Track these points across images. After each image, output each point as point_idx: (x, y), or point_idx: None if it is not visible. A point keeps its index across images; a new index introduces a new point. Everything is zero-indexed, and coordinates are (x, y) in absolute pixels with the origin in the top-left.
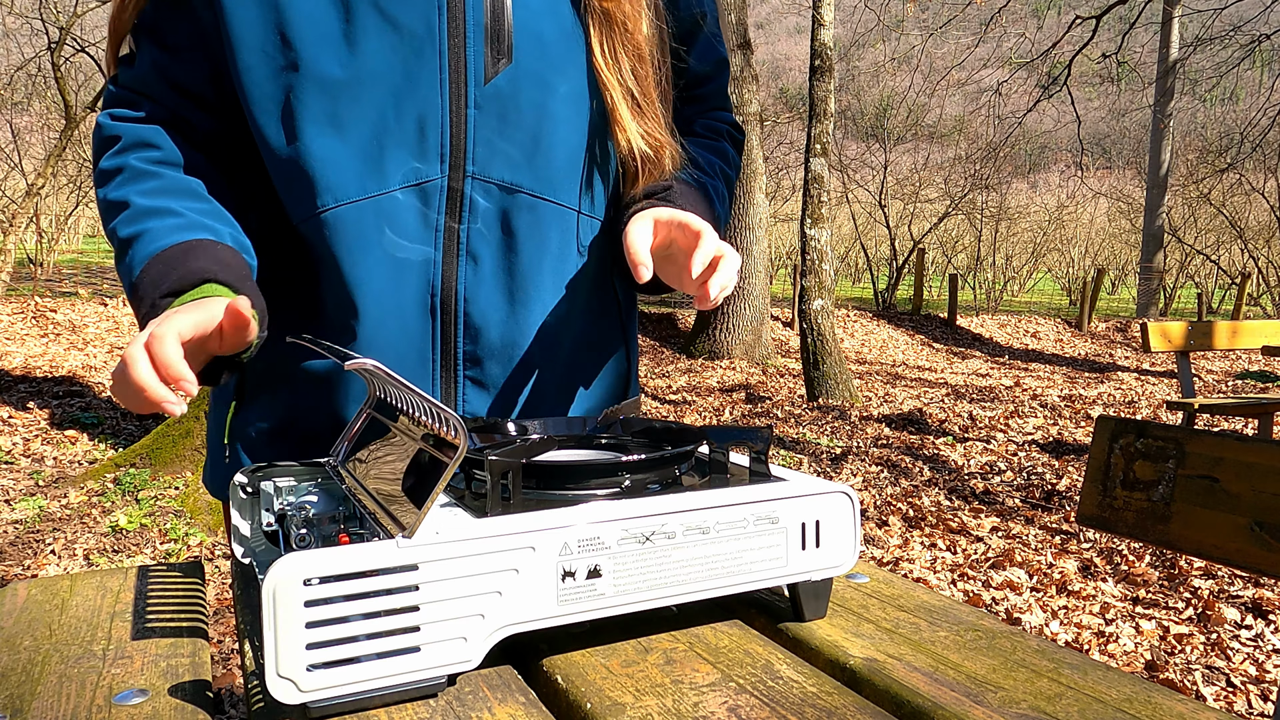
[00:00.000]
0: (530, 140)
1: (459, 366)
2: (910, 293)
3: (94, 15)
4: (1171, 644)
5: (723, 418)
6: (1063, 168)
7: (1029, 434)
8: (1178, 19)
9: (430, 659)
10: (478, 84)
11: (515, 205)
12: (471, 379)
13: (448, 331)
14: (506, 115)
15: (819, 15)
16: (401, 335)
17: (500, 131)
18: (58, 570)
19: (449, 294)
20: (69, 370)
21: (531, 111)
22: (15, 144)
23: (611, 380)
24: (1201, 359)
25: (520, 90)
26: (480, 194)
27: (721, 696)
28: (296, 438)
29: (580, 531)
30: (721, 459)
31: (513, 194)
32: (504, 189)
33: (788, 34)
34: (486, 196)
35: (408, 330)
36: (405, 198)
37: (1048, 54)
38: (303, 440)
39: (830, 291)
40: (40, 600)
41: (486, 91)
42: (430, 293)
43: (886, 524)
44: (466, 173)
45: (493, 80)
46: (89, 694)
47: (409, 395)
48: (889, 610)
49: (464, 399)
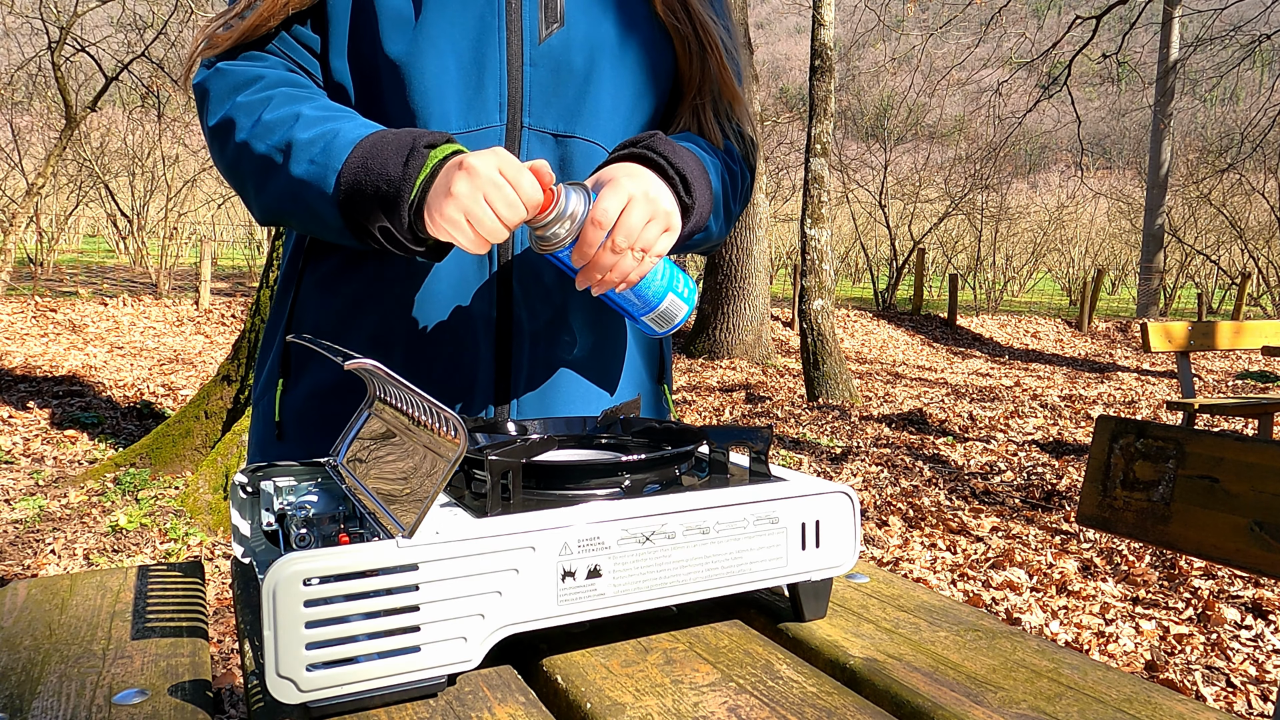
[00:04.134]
0: (580, 94)
1: (513, 309)
2: (910, 293)
3: (94, 15)
4: (1171, 644)
5: (723, 417)
6: (1063, 168)
7: (1029, 434)
8: (1178, 19)
9: (430, 659)
10: (533, 44)
11: (569, 151)
12: (521, 329)
13: (505, 279)
14: (559, 72)
15: (819, 15)
16: (461, 282)
17: (554, 87)
18: (58, 570)
19: (505, 242)
20: (69, 370)
21: (582, 69)
22: (15, 144)
23: (647, 354)
24: (1201, 359)
25: (572, 50)
26: (537, 141)
27: (721, 696)
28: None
29: (580, 531)
30: (721, 459)
31: (566, 141)
32: (558, 137)
33: (788, 34)
34: (542, 144)
35: (466, 277)
36: (468, 142)
37: (1048, 54)
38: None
39: (830, 291)
40: (40, 600)
41: (541, 50)
42: None
43: (886, 524)
44: (523, 123)
45: (546, 40)
46: (89, 694)
47: (409, 395)
48: (889, 610)
49: (517, 348)
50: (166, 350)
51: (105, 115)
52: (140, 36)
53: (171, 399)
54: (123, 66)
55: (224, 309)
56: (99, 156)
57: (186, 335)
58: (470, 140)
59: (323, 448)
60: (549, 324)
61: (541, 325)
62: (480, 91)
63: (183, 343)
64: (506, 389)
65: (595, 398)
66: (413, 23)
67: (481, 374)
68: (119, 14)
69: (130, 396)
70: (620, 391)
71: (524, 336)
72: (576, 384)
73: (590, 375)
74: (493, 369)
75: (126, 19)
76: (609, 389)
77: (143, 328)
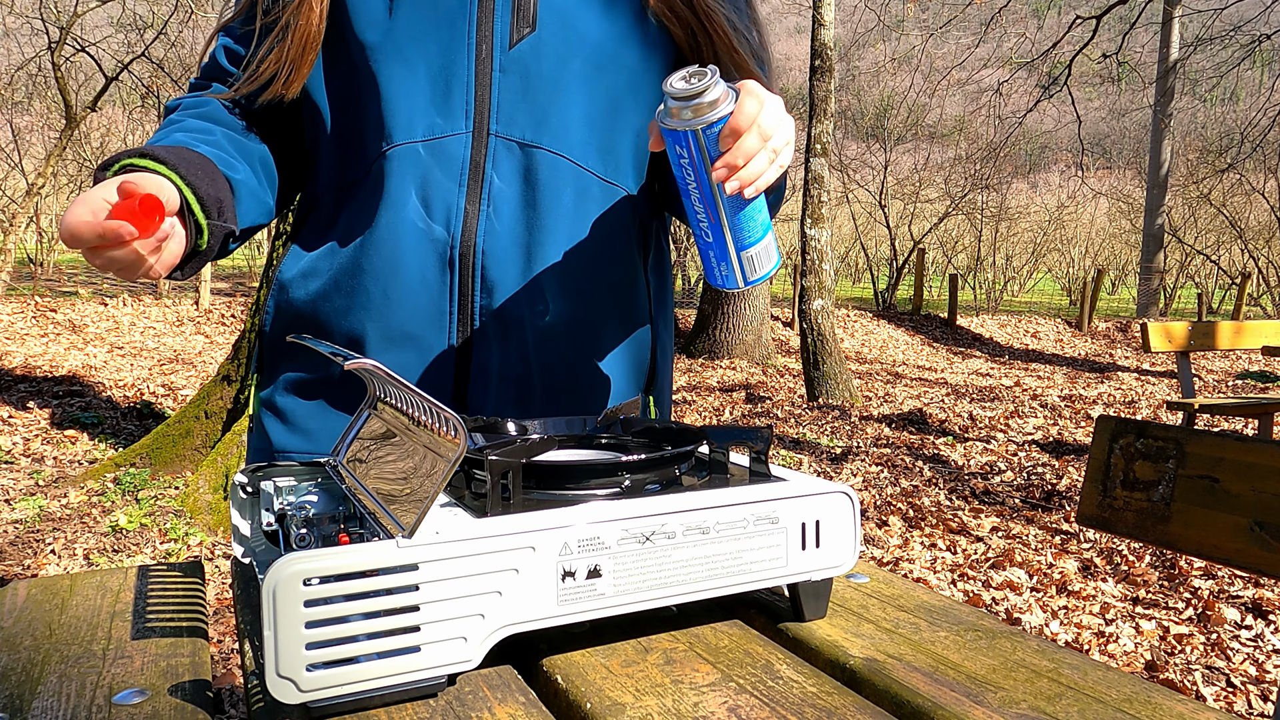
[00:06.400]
0: (549, 103)
1: (474, 319)
2: (910, 293)
3: (94, 15)
4: (1171, 644)
5: (723, 417)
6: (1063, 168)
7: (1029, 434)
8: (1178, 19)
9: (430, 659)
10: (503, 50)
11: (534, 162)
12: (485, 333)
13: (465, 284)
14: (529, 79)
15: (819, 15)
16: (422, 288)
17: (523, 94)
18: (58, 570)
19: (468, 247)
20: (69, 370)
21: (552, 76)
22: (15, 144)
23: (629, 365)
24: (1201, 359)
25: (543, 56)
26: (504, 150)
27: (721, 696)
28: (343, 381)
29: (580, 531)
30: (721, 459)
31: (532, 151)
32: (524, 146)
33: (788, 34)
34: (509, 152)
35: (428, 284)
36: (428, 151)
37: (1048, 54)
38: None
39: (830, 291)
40: (40, 600)
41: (511, 56)
42: (450, 244)
43: (886, 524)
44: (490, 130)
45: (517, 45)
46: (89, 694)
47: (409, 395)
48: (889, 610)
49: (476, 353)
50: (166, 350)
51: (105, 115)
52: (140, 36)
53: (171, 399)
54: (123, 67)
55: (224, 309)
56: (99, 156)
57: (186, 335)
58: (437, 147)
59: (293, 441)
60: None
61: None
62: (448, 98)
63: (183, 343)
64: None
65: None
66: (385, 26)
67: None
68: (119, 14)
69: (130, 396)
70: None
71: (490, 378)
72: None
73: (566, 401)
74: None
75: (126, 19)
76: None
77: (143, 328)
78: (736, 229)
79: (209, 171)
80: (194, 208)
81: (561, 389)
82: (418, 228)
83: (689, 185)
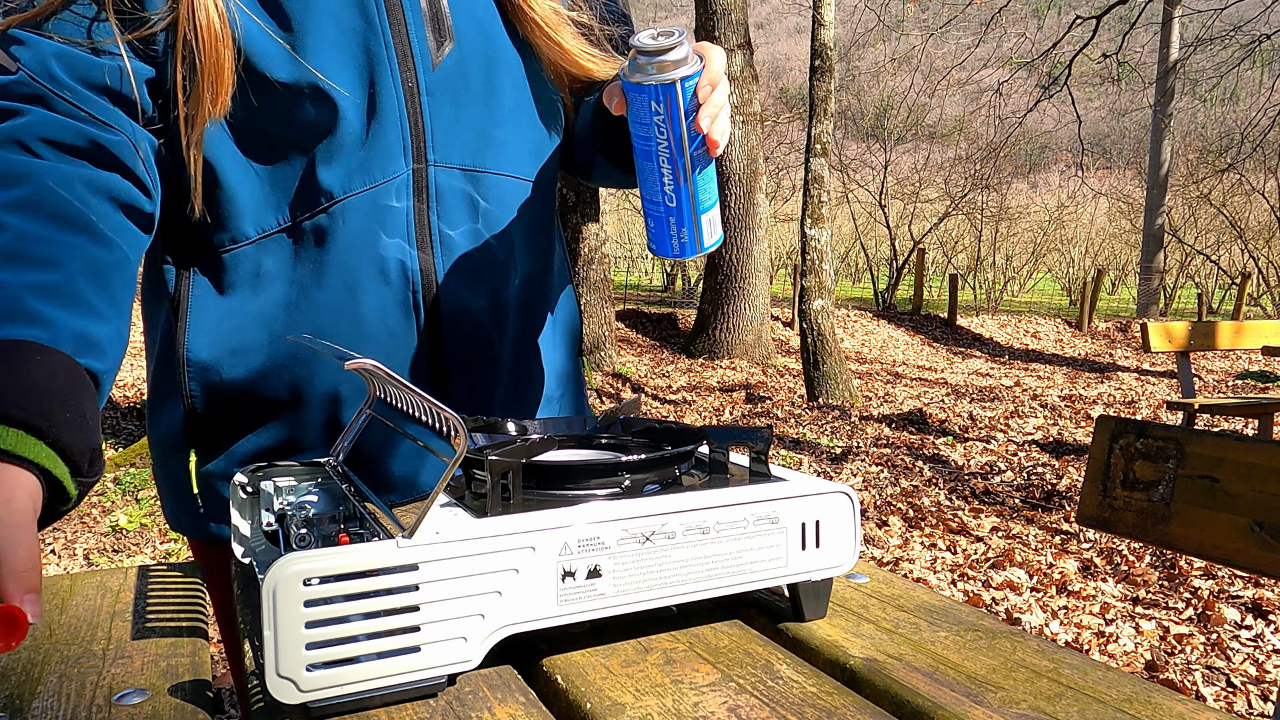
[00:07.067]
0: (485, 119)
1: (444, 354)
2: (910, 293)
3: None
4: (1171, 644)
5: (723, 417)
6: (1063, 168)
7: (1029, 434)
8: (1178, 19)
9: (430, 659)
10: (427, 71)
11: (482, 186)
12: (458, 359)
13: (433, 323)
14: (459, 97)
15: (819, 15)
16: (388, 336)
17: (455, 115)
18: (58, 570)
19: (429, 284)
20: None
21: (481, 90)
22: None
23: (570, 334)
24: (1201, 359)
25: (469, 70)
26: (444, 179)
27: (721, 696)
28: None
29: (580, 531)
30: (721, 459)
31: (477, 176)
32: (466, 171)
33: (788, 34)
34: (450, 180)
35: (393, 331)
36: (371, 197)
37: (1048, 54)
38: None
39: (830, 291)
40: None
41: (436, 77)
42: (410, 289)
43: (886, 524)
44: (429, 160)
45: (440, 64)
46: (89, 694)
47: (409, 395)
48: (889, 610)
49: (449, 383)
50: None
51: None
52: None
53: None
54: None
55: None
56: None
57: None
58: (373, 197)
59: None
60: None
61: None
62: (382, 137)
63: None
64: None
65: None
66: (292, 64)
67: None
68: None
69: (130, 397)
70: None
71: (463, 400)
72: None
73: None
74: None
75: None
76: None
77: (143, 328)
78: (698, 190)
79: (75, 404)
80: (65, 484)
81: (522, 382)
82: (375, 280)
83: (659, 144)
